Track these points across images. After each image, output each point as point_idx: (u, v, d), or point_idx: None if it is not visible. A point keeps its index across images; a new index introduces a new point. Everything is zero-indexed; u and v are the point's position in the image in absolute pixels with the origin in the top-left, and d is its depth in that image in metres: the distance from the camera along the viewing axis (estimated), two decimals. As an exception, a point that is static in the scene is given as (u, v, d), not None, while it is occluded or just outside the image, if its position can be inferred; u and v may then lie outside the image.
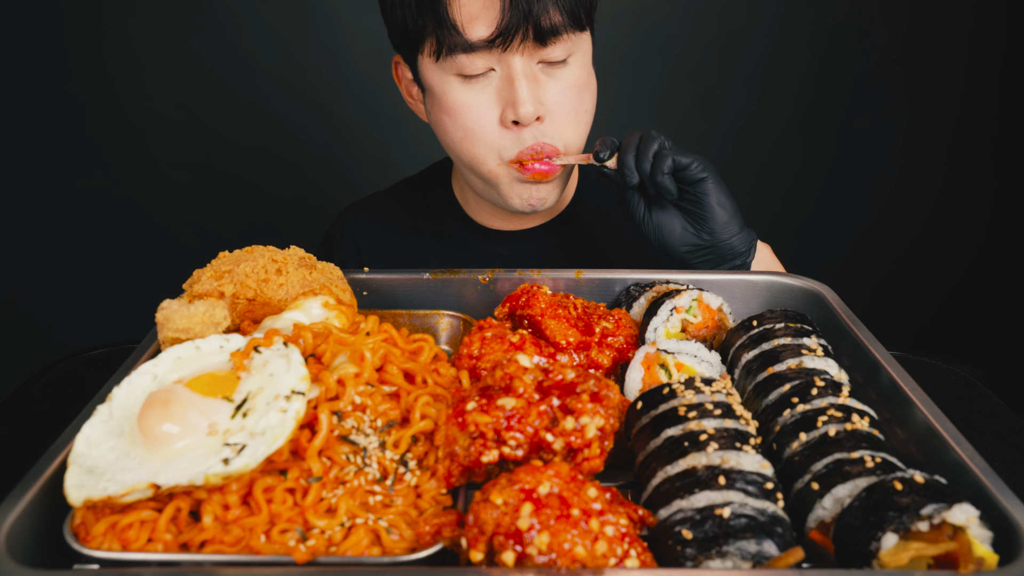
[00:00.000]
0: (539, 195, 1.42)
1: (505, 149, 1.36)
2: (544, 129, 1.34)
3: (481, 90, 1.32)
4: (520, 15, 1.23)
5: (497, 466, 0.87)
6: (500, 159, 1.37)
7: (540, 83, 1.32)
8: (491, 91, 1.32)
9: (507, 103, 1.31)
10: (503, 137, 1.34)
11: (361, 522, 0.83)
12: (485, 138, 1.35)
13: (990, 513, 0.78)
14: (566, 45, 1.30)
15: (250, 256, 1.15)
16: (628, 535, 0.77)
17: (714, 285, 1.30)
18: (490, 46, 1.25)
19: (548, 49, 1.29)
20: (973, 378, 1.59)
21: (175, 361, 0.96)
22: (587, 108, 1.41)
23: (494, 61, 1.29)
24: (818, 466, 0.86)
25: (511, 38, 1.24)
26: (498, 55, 1.28)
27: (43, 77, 2.88)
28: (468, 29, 1.25)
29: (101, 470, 0.82)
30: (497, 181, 1.41)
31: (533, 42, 1.26)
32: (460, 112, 1.34)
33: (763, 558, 0.75)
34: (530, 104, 1.29)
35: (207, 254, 1.17)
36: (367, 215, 1.78)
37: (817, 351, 1.06)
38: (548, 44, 1.28)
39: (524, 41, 1.26)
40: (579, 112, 1.38)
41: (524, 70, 1.29)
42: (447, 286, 1.31)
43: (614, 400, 0.90)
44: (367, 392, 0.93)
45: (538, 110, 1.31)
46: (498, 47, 1.26)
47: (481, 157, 1.38)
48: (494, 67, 1.30)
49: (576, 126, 1.39)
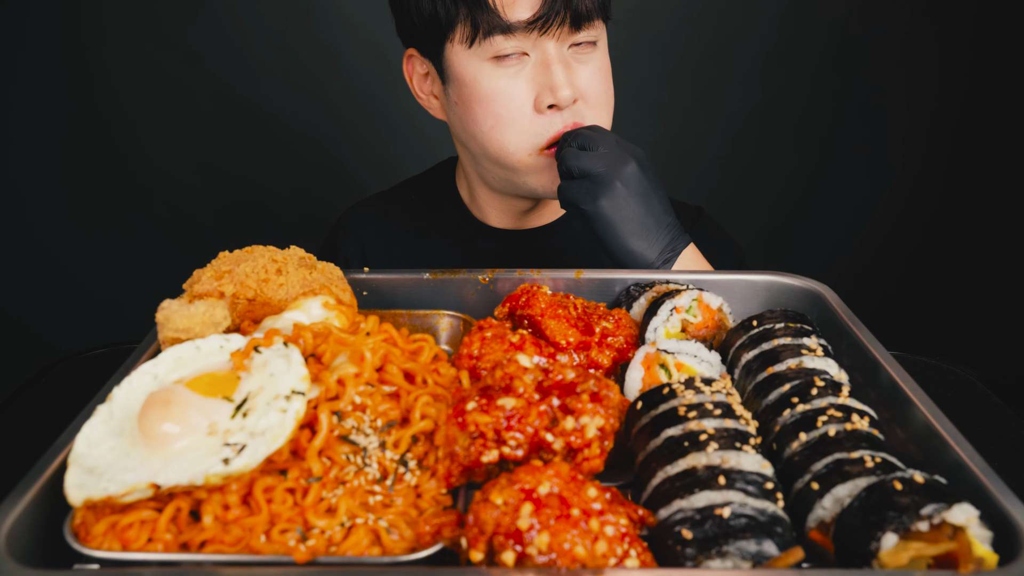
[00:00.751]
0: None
1: (537, 136, 1.36)
2: (577, 110, 1.36)
3: (515, 76, 1.33)
4: (557, 4, 1.26)
5: (497, 466, 0.87)
6: (532, 148, 1.37)
7: (572, 68, 1.34)
8: (525, 76, 1.33)
9: (543, 87, 1.32)
10: (535, 123, 1.35)
11: (361, 522, 0.83)
12: (516, 124, 1.35)
13: (990, 513, 0.78)
14: (595, 31, 1.34)
15: (250, 256, 1.15)
16: (628, 535, 0.77)
17: (714, 285, 1.30)
18: (528, 29, 1.27)
19: (581, 34, 1.32)
20: (973, 378, 1.59)
21: (175, 361, 0.96)
22: (611, 94, 1.44)
23: (528, 46, 1.30)
24: (818, 466, 0.86)
25: (551, 22, 1.26)
26: (534, 39, 1.29)
27: (41, 78, 2.88)
28: (508, 11, 1.26)
29: (101, 470, 0.82)
30: (525, 169, 1.41)
31: (569, 27, 1.29)
32: (493, 98, 1.34)
33: (763, 558, 0.75)
34: (567, 88, 1.30)
35: (207, 254, 1.17)
36: (371, 214, 1.78)
37: (817, 351, 1.06)
38: (582, 29, 1.31)
39: (561, 26, 1.28)
40: (608, 95, 1.41)
41: (558, 55, 1.31)
42: (447, 286, 1.31)
43: (614, 400, 0.90)
44: (367, 392, 0.93)
45: (575, 93, 1.33)
46: (536, 30, 1.27)
47: (512, 146, 1.38)
48: (528, 52, 1.31)
49: (606, 109, 1.41)
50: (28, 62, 2.86)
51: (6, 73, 2.85)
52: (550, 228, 1.68)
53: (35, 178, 3.03)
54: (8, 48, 2.82)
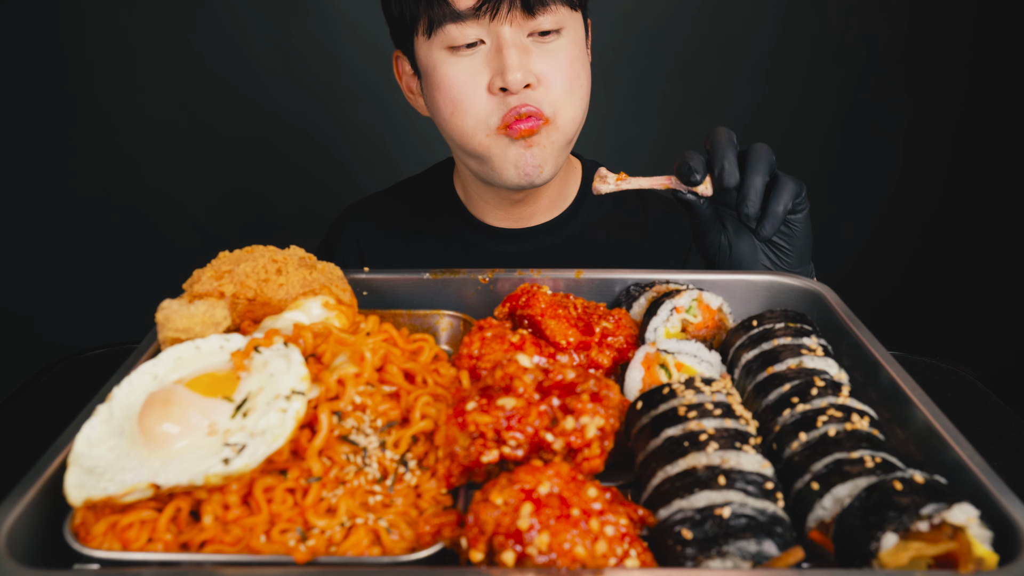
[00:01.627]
0: (533, 162, 1.39)
1: (491, 115, 1.34)
2: (533, 95, 1.33)
3: (470, 62, 1.32)
4: None
5: (497, 466, 0.87)
6: (488, 128, 1.36)
7: (530, 53, 1.31)
8: (480, 62, 1.32)
9: (495, 71, 1.30)
10: (488, 104, 1.33)
11: (361, 522, 0.83)
12: (473, 108, 1.34)
13: (990, 513, 0.78)
14: (556, 17, 1.29)
15: (250, 256, 1.15)
16: (628, 535, 0.77)
17: (714, 285, 1.30)
18: (477, 14, 1.25)
19: (537, 20, 1.28)
20: (973, 378, 1.59)
21: (175, 361, 0.96)
22: (582, 82, 1.38)
23: (483, 32, 1.29)
24: (818, 466, 0.86)
25: (497, 6, 1.24)
26: (487, 25, 1.27)
27: (42, 78, 2.88)
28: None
29: (101, 470, 0.82)
30: (489, 154, 1.39)
31: (521, 11, 1.26)
32: (449, 84, 1.33)
33: (763, 558, 0.75)
34: (518, 71, 1.28)
35: (207, 254, 1.17)
36: (368, 214, 1.78)
37: (817, 351, 1.06)
38: (536, 14, 1.27)
39: (512, 10, 1.25)
40: (573, 82, 1.36)
41: (513, 39, 1.28)
42: (447, 286, 1.31)
43: (614, 400, 0.90)
44: (367, 392, 0.93)
45: (527, 77, 1.30)
46: (485, 15, 1.25)
47: (470, 130, 1.37)
48: (483, 38, 1.30)
49: (570, 96, 1.36)
50: (29, 62, 2.86)
51: (7, 73, 2.85)
52: (548, 227, 1.68)
53: (36, 178, 3.03)
54: (9, 48, 2.82)
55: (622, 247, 1.68)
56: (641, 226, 1.73)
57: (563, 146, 1.43)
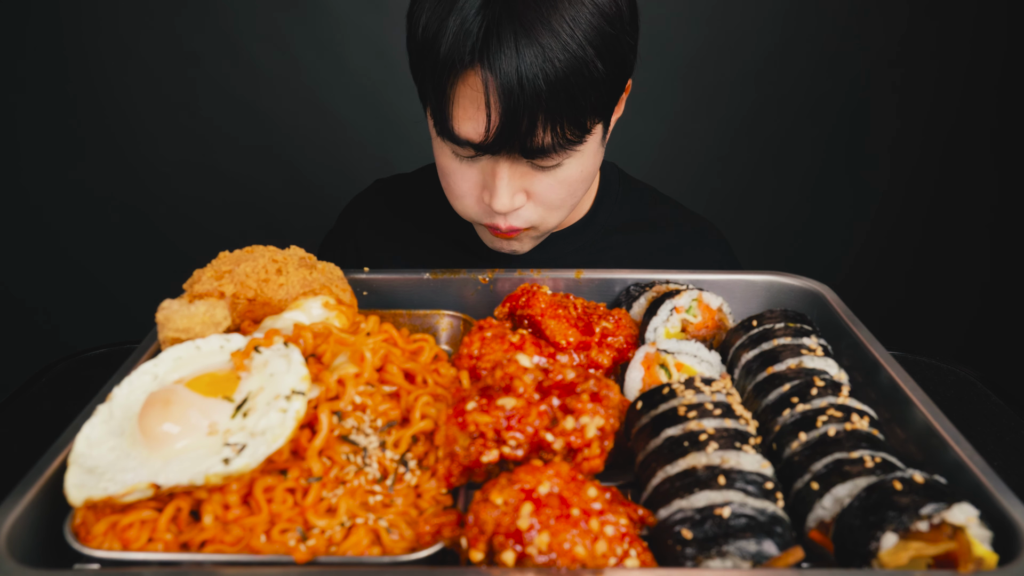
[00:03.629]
0: (509, 247, 1.43)
1: (479, 214, 1.35)
2: (519, 213, 1.32)
3: (469, 165, 1.30)
4: (504, 136, 1.17)
5: (497, 466, 0.87)
6: (476, 218, 1.38)
7: (527, 177, 1.28)
8: (476, 169, 1.30)
9: (487, 187, 1.29)
10: (477, 205, 1.34)
11: (361, 522, 0.83)
12: (463, 200, 1.35)
13: (990, 513, 0.78)
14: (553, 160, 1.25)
15: (250, 256, 1.15)
16: (628, 535, 0.77)
17: (714, 285, 1.30)
18: (475, 148, 1.22)
19: (538, 160, 1.24)
20: (973, 378, 1.59)
21: (175, 361, 0.96)
22: (578, 195, 1.37)
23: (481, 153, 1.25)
24: (818, 466, 0.86)
25: (498, 152, 1.21)
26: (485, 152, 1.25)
27: (43, 79, 2.88)
28: (458, 127, 1.20)
29: (101, 470, 0.82)
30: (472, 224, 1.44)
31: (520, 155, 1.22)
32: (446, 173, 1.34)
33: (763, 558, 0.75)
34: (507, 199, 1.26)
35: (207, 254, 1.17)
36: (384, 198, 1.77)
37: (817, 351, 1.06)
38: (536, 160, 1.23)
39: (511, 153, 1.22)
40: (566, 200, 1.34)
41: (509, 171, 1.25)
42: (447, 286, 1.31)
43: (614, 400, 0.90)
44: (367, 392, 0.93)
45: (515, 202, 1.28)
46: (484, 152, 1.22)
47: (458, 210, 1.39)
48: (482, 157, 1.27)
49: (558, 211, 1.35)
50: (30, 63, 2.86)
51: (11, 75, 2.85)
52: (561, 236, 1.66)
53: (37, 178, 3.03)
54: (11, 49, 2.82)
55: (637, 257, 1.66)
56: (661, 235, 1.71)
57: (545, 234, 1.45)
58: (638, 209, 1.71)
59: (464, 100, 1.17)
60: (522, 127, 1.15)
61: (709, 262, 1.67)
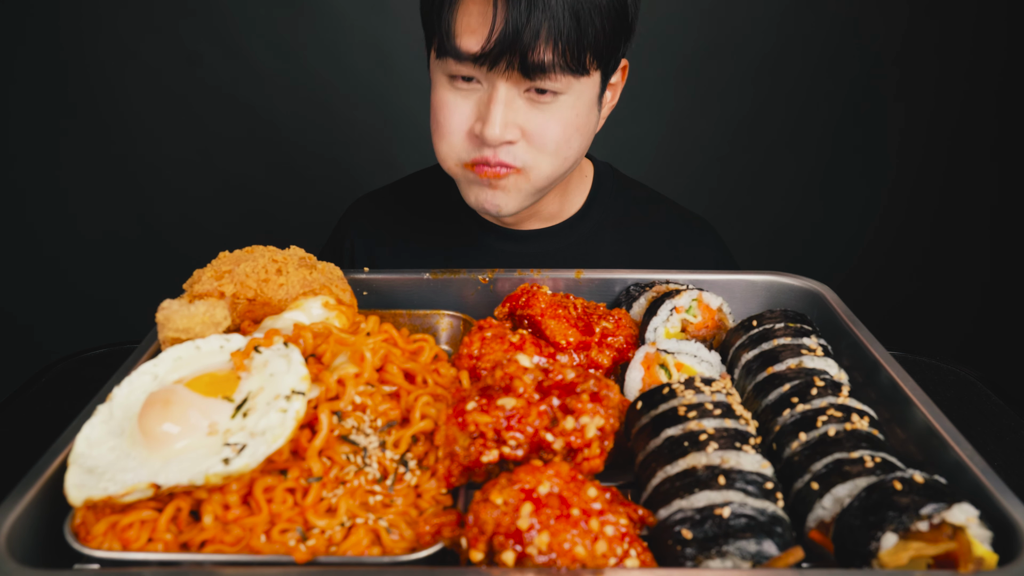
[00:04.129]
0: (493, 201, 1.38)
1: (464, 152, 1.34)
2: (510, 149, 1.31)
3: (464, 96, 1.31)
4: (507, 43, 1.19)
5: (497, 466, 0.87)
6: (458, 159, 1.36)
7: (521, 109, 1.29)
8: (472, 100, 1.31)
9: (479, 117, 1.30)
10: (465, 142, 1.34)
11: (361, 522, 0.83)
12: (450, 138, 1.34)
13: (990, 513, 0.78)
14: (558, 84, 1.27)
15: (250, 256, 1.15)
16: (628, 535, 0.77)
17: (714, 285, 1.30)
18: (475, 61, 1.24)
19: (536, 82, 1.26)
20: (973, 378, 1.59)
21: (175, 361, 0.96)
22: (571, 145, 1.36)
23: (481, 76, 1.28)
24: (818, 466, 0.86)
25: (496, 61, 1.23)
26: (484, 72, 1.27)
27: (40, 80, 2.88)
28: (460, 39, 1.24)
29: (101, 470, 0.82)
30: (456, 178, 1.41)
31: (518, 71, 1.24)
32: (439, 108, 1.34)
33: (763, 558, 0.75)
34: (499, 127, 1.27)
35: (207, 254, 1.17)
36: (374, 205, 1.77)
37: (817, 351, 1.06)
38: (534, 79, 1.25)
39: (509, 69, 1.24)
40: (559, 147, 1.33)
41: (506, 95, 1.27)
42: (447, 286, 1.31)
43: (614, 400, 0.90)
44: (367, 392, 0.93)
45: (507, 134, 1.28)
46: (484, 65, 1.24)
47: (444, 154, 1.38)
48: (481, 80, 1.29)
49: (550, 157, 1.34)
50: (27, 64, 2.86)
51: (5, 75, 2.85)
52: (556, 231, 1.66)
53: (35, 179, 3.03)
54: (7, 50, 2.82)
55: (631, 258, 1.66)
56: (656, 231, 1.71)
57: (532, 192, 1.41)
58: (632, 206, 1.71)
59: (470, 11, 1.22)
60: (524, 35, 1.18)
61: (704, 259, 1.67)
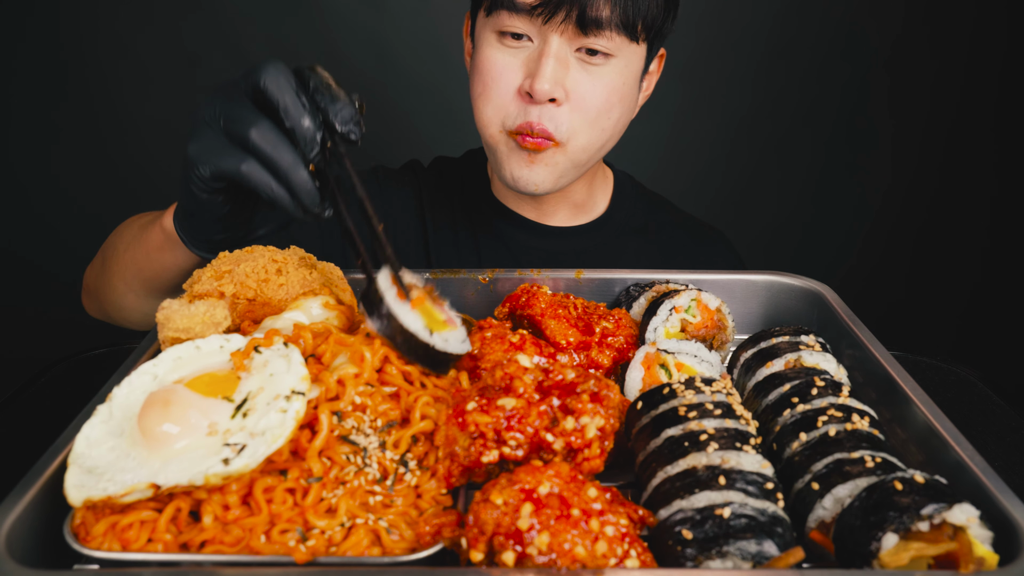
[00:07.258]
0: (530, 176, 1.38)
1: (509, 116, 1.34)
2: (555, 112, 1.32)
3: (513, 55, 1.32)
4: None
5: (497, 466, 0.87)
6: (502, 125, 1.36)
7: (570, 69, 1.30)
8: (521, 59, 1.32)
9: (529, 74, 1.30)
10: (512, 104, 1.34)
11: (361, 522, 0.83)
12: (497, 100, 1.34)
13: (990, 513, 0.78)
14: (610, 44, 1.28)
15: (250, 256, 1.14)
16: (628, 535, 0.77)
17: (714, 285, 1.30)
18: (532, 13, 1.25)
19: (589, 39, 1.27)
20: (973, 378, 1.59)
21: (175, 361, 0.95)
22: (613, 115, 1.36)
23: (534, 32, 1.29)
24: (818, 466, 0.86)
25: (554, 13, 1.24)
26: (539, 27, 1.27)
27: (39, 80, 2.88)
28: None
29: (101, 470, 0.82)
30: (496, 148, 1.40)
31: (575, 26, 1.25)
32: (486, 68, 1.34)
33: (763, 558, 0.75)
34: (548, 82, 1.27)
35: (207, 254, 1.17)
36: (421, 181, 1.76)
37: (815, 347, 1.06)
38: (589, 34, 1.26)
39: (566, 22, 1.25)
40: (600, 115, 1.34)
41: (558, 51, 1.28)
42: (447, 286, 1.31)
43: (614, 400, 0.90)
44: (367, 392, 0.93)
45: (554, 91, 1.29)
46: (539, 17, 1.25)
47: (487, 119, 1.38)
48: (532, 37, 1.30)
49: (591, 124, 1.35)
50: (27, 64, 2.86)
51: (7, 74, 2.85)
52: (582, 231, 1.65)
53: (35, 178, 3.03)
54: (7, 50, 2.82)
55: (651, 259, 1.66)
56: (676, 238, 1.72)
57: (568, 168, 1.41)
58: (655, 214, 1.72)
59: None
60: None
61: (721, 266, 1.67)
